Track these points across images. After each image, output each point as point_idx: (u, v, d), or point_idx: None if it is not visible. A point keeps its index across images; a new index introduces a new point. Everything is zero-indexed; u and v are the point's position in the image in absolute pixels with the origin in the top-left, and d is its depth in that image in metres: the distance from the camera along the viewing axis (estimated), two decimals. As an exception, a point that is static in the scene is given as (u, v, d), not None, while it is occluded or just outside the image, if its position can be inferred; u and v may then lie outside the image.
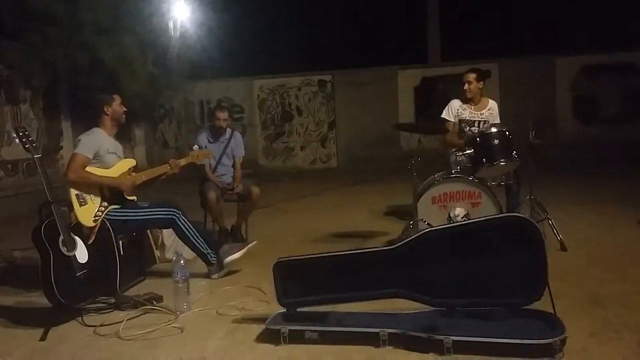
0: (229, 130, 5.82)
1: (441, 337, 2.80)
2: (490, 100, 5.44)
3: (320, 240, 5.71)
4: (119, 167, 4.38)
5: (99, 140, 4.29)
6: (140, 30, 10.00)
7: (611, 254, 4.61)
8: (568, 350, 2.74)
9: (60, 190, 4.00)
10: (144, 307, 3.74)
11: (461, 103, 5.37)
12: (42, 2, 8.61)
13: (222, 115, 5.70)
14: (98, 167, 4.23)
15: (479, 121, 5.30)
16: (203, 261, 4.47)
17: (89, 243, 3.83)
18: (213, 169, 5.65)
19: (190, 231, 4.37)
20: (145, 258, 4.81)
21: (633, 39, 11.42)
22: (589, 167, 9.97)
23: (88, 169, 4.16)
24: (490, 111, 5.35)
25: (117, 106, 4.43)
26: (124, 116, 4.50)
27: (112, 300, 3.88)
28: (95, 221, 4.06)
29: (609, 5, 12.61)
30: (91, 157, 4.19)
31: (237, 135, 5.93)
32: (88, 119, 4.60)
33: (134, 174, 4.45)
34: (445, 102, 5.48)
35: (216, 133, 5.72)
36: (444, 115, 5.40)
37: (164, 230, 4.98)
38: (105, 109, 4.39)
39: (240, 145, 5.87)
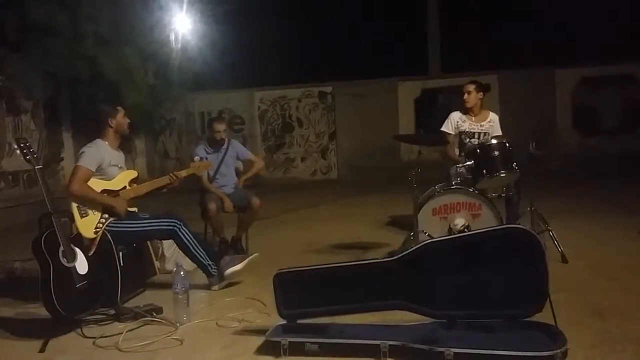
0: (225, 141, 5.83)
1: (442, 349, 2.79)
2: (490, 113, 5.45)
3: (320, 251, 5.71)
4: (120, 179, 4.38)
5: (101, 152, 4.30)
6: (142, 41, 10.06)
7: (612, 265, 4.60)
8: (569, 362, 2.73)
9: (61, 201, 4.00)
10: (143, 319, 3.73)
11: (461, 115, 5.38)
12: (44, 13, 8.66)
13: (220, 127, 5.72)
14: (100, 179, 4.24)
15: (479, 133, 5.31)
16: (203, 272, 4.46)
17: (89, 254, 3.82)
18: (212, 179, 5.65)
19: (191, 242, 4.36)
20: (145, 269, 4.80)
21: (632, 50, 11.45)
22: (589, 178, 9.97)
23: (90, 182, 4.16)
24: (490, 123, 5.36)
25: (121, 118, 4.43)
26: (127, 128, 4.50)
27: (112, 312, 3.88)
28: (96, 233, 4.06)
29: (608, 17, 12.68)
30: (94, 170, 4.19)
31: (234, 142, 5.92)
32: (89, 130, 4.61)
33: (135, 185, 4.45)
34: (446, 114, 5.49)
35: (214, 144, 5.73)
36: (443, 128, 5.41)
37: (164, 242, 4.98)
38: (110, 122, 4.39)
39: (243, 151, 5.90)
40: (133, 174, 4.56)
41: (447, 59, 13.49)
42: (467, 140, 5.29)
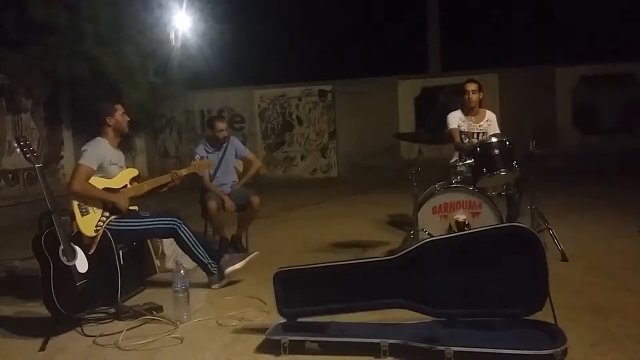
0: (226, 139, 5.82)
1: (442, 348, 2.79)
2: (487, 112, 5.45)
3: (320, 250, 5.71)
4: (121, 178, 4.38)
5: (102, 151, 4.30)
6: (142, 40, 10.05)
7: (612, 263, 4.60)
8: (569, 361, 2.74)
9: (61, 199, 4.00)
10: (143, 317, 3.74)
11: (460, 114, 5.38)
12: (44, 12, 8.66)
13: (222, 125, 5.71)
14: (101, 178, 4.24)
15: (478, 133, 5.31)
16: (204, 271, 4.46)
17: (89, 253, 3.82)
18: (212, 177, 5.65)
19: (192, 240, 4.36)
20: (146, 268, 4.81)
21: (632, 50, 11.44)
22: (589, 177, 9.97)
23: (91, 180, 4.16)
24: (488, 122, 5.36)
25: (119, 116, 4.42)
26: (127, 126, 4.50)
27: (112, 310, 3.88)
28: (96, 231, 4.06)
29: (609, 16, 12.66)
30: (95, 168, 4.19)
31: (234, 140, 5.90)
32: (90, 128, 4.60)
33: (136, 183, 4.45)
34: (445, 113, 5.48)
35: (215, 143, 5.73)
36: (449, 126, 5.38)
37: (164, 240, 4.98)
38: (108, 120, 4.38)
39: (242, 149, 5.89)
40: (134, 172, 4.56)
41: (447, 57, 13.47)
42: (467, 140, 5.29)
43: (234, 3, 11.92)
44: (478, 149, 4.78)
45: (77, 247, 3.69)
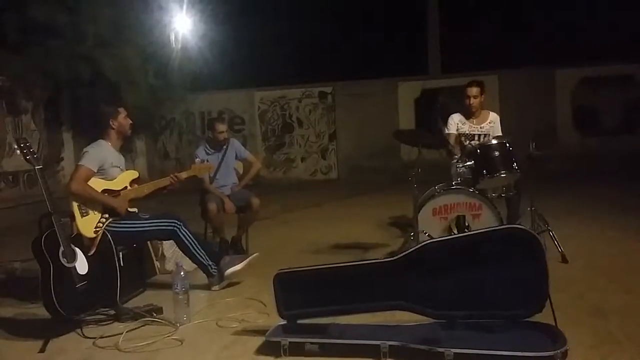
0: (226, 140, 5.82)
1: (442, 350, 2.79)
2: (491, 113, 5.43)
3: (321, 251, 5.70)
4: (121, 179, 4.38)
5: (104, 153, 4.30)
6: (142, 42, 10.06)
7: (613, 265, 4.60)
8: (570, 362, 2.73)
9: (61, 201, 4.00)
10: (143, 319, 3.73)
11: (461, 117, 5.37)
12: (44, 13, 8.66)
13: (222, 127, 5.71)
14: (101, 179, 4.24)
15: (479, 134, 5.30)
16: (204, 272, 4.46)
17: (89, 254, 3.82)
18: (212, 179, 5.64)
19: (191, 242, 4.36)
20: (146, 269, 4.81)
21: (632, 50, 11.45)
22: (589, 178, 9.97)
23: (91, 181, 4.17)
24: (491, 124, 5.34)
25: (122, 119, 4.43)
26: (129, 129, 4.50)
27: (112, 312, 3.88)
28: (96, 232, 4.06)
29: (609, 17, 12.68)
30: (95, 170, 4.20)
31: (234, 141, 5.90)
32: (90, 130, 4.61)
33: (136, 185, 4.45)
34: (446, 114, 5.48)
35: (215, 145, 5.73)
36: (447, 130, 5.39)
37: (164, 242, 4.98)
38: (111, 123, 4.39)
39: (242, 150, 5.89)
40: (134, 174, 4.56)
41: (447, 59, 13.49)
42: (468, 142, 5.29)
43: (234, 5, 11.93)
44: (478, 150, 4.78)
45: (77, 249, 3.69)
